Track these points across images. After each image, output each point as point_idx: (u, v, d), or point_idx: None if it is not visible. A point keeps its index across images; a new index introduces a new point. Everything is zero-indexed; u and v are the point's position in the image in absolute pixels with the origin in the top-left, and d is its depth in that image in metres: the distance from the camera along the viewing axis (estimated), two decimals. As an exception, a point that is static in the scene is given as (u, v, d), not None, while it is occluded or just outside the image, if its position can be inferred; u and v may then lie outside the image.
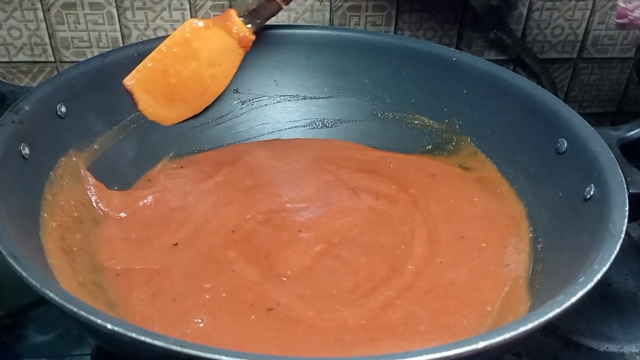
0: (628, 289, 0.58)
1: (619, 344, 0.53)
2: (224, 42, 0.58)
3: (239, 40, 0.58)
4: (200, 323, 0.43)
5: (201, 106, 0.62)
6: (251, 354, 0.32)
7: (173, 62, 0.58)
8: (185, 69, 0.58)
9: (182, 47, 0.57)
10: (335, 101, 0.67)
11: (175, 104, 0.60)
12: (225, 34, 0.58)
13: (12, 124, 0.46)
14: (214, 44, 0.58)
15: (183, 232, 0.52)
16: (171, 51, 0.57)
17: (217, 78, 0.60)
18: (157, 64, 0.57)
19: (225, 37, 0.58)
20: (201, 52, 0.58)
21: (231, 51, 0.59)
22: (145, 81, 0.57)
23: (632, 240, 0.63)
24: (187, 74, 0.58)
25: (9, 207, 0.41)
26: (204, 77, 0.59)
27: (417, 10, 0.74)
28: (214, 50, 0.58)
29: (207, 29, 0.57)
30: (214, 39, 0.58)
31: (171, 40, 0.57)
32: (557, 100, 0.55)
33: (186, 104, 0.60)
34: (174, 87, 0.58)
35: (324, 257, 0.51)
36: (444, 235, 0.54)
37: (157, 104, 0.59)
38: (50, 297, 0.34)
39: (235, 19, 0.57)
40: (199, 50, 0.58)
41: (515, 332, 0.33)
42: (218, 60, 0.59)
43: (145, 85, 0.57)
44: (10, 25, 0.70)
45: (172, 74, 0.58)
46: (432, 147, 0.64)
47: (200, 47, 0.58)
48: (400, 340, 0.43)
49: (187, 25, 0.58)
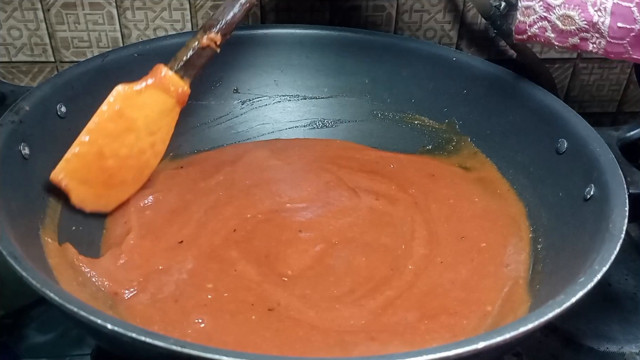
0: (628, 289, 0.58)
1: (619, 344, 0.53)
2: (161, 103, 0.51)
3: (176, 98, 0.52)
4: (202, 323, 0.43)
5: (142, 182, 0.54)
6: (251, 354, 0.32)
7: (108, 141, 0.50)
8: (123, 146, 0.50)
9: (116, 121, 0.50)
10: (336, 101, 0.67)
11: (115, 188, 0.52)
12: (161, 94, 0.51)
13: (12, 124, 0.46)
14: (150, 108, 0.51)
15: (184, 232, 0.52)
16: (104, 128, 0.49)
17: (156, 146, 0.53)
18: (89, 147, 0.49)
19: (162, 97, 0.51)
20: (138, 122, 0.51)
21: (169, 112, 0.52)
22: (78, 171, 0.48)
23: (632, 240, 0.63)
24: (125, 151, 0.51)
25: (9, 207, 0.41)
26: (144, 150, 0.52)
27: (417, 10, 0.74)
28: (151, 116, 0.51)
29: (140, 94, 0.50)
30: (150, 103, 0.51)
31: (102, 116, 0.49)
32: (557, 101, 0.55)
33: (127, 185, 0.53)
34: (113, 171, 0.50)
35: (324, 257, 0.51)
36: (444, 235, 0.54)
37: (94, 194, 0.50)
38: (50, 297, 0.34)
39: (168, 75, 0.51)
40: (135, 120, 0.51)
41: (516, 332, 0.33)
42: (156, 125, 0.52)
43: (78, 176, 0.48)
44: (10, 25, 0.70)
45: (109, 155, 0.50)
46: (432, 147, 0.64)
47: (136, 116, 0.51)
48: (401, 340, 0.43)
49: (117, 94, 0.50)
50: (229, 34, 0.53)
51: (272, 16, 0.73)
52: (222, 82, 0.65)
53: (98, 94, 0.55)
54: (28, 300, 0.53)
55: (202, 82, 0.63)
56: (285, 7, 0.73)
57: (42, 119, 0.50)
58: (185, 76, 0.52)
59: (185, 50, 0.52)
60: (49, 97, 0.51)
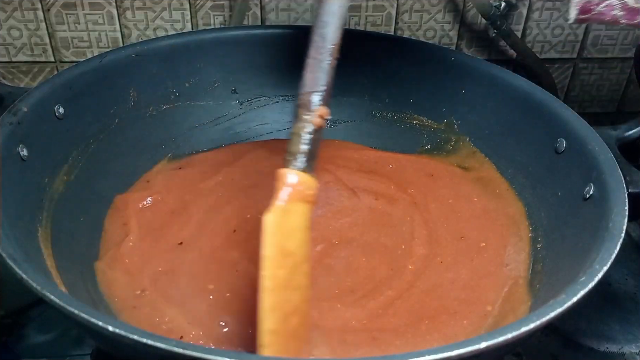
0: (628, 289, 0.58)
1: (619, 344, 0.53)
2: (305, 216, 0.41)
3: (313, 202, 0.41)
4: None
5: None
6: (252, 355, 0.32)
7: (286, 294, 0.39)
8: (296, 292, 0.39)
9: (282, 263, 0.39)
10: (334, 101, 0.66)
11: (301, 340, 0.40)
12: (304, 206, 0.41)
13: (10, 125, 0.46)
14: (300, 229, 0.41)
15: (184, 233, 0.52)
16: (279, 281, 0.39)
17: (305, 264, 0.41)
18: (278, 313, 0.38)
19: (304, 209, 0.41)
20: (298, 250, 0.40)
21: (307, 219, 0.41)
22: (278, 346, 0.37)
23: (632, 240, 0.63)
24: (297, 297, 0.39)
25: (8, 209, 0.41)
26: (306, 273, 0.41)
27: (417, 10, 0.74)
28: (304, 236, 0.41)
29: (288, 214, 0.40)
30: (299, 221, 0.41)
31: (270, 268, 0.39)
32: (556, 100, 0.55)
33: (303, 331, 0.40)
34: (299, 325, 0.39)
35: (325, 257, 0.51)
36: (443, 235, 0.54)
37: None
38: (50, 299, 0.33)
39: (300, 178, 0.41)
40: (294, 249, 0.40)
41: (517, 332, 0.33)
42: (307, 245, 0.41)
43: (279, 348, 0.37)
44: (10, 25, 0.70)
45: (292, 311, 0.39)
46: (431, 147, 0.64)
47: (294, 245, 0.40)
48: (402, 340, 0.43)
49: (269, 228, 0.40)
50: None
51: (272, 16, 0.73)
52: (220, 82, 0.65)
53: (96, 94, 0.56)
54: (28, 300, 0.53)
55: (200, 82, 0.63)
56: (286, 7, 0.73)
57: (41, 121, 0.50)
58: (311, 171, 0.42)
59: (300, 140, 0.42)
60: (47, 98, 0.51)
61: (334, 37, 0.44)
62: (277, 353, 0.36)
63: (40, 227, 0.45)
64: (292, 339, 0.38)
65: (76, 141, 0.53)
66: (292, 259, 0.39)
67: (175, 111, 0.62)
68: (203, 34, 0.64)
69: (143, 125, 0.60)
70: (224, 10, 0.73)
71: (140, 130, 0.60)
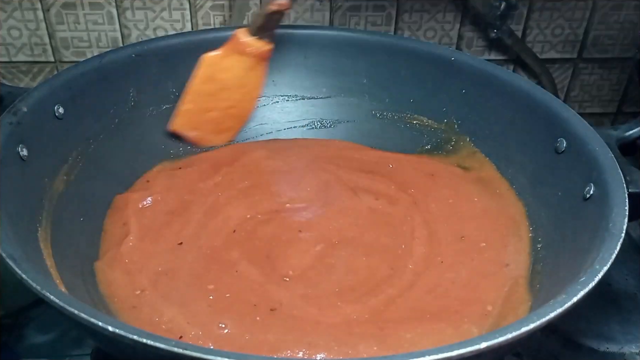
0: (628, 289, 0.58)
1: (619, 344, 0.53)
2: (244, 63, 0.59)
3: (257, 56, 0.59)
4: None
5: (245, 121, 0.64)
6: (252, 355, 0.32)
7: (207, 98, 0.60)
8: (221, 100, 0.61)
9: (209, 83, 0.59)
10: (334, 101, 0.67)
11: (223, 132, 0.63)
12: (242, 57, 0.59)
13: (10, 125, 0.46)
14: (236, 69, 0.59)
15: (184, 234, 0.52)
16: (201, 90, 0.59)
17: (250, 93, 0.62)
18: (192, 105, 0.60)
19: (243, 59, 0.59)
20: (228, 81, 0.60)
21: (253, 67, 0.60)
22: (189, 123, 0.61)
23: (632, 240, 0.63)
24: (224, 104, 0.61)
25: (8, 209, 0.41)
26: (240, 99, 0.62)
27: (417, 10, 0.74)
28: (238, 74, 0.60)
29: (224, 59, 0.59)
30: (234, 65, 0.59)
31: (196, 81, 0.59)
32: (556, 100, 0.55)
33: (233, 129, 0.64)
34: (219, 120, 0.62)
35: (325, 256, 0.51)
36: (443, 235, 0.54)
37: (208, 136, 0.62)
38: (50, 299, 0.33)
39: (245, 39, 0.58)
40: (224, 80, 0.60)
41: (518, 332, 0.33)
42: (245, 79, 0.60)
43: (190, 126, 0.61)
44: (10, 25, 0.70)
45: (212, 108, 0.60)
46: (431, 147, 0.64)
47: (225, 77, 0.60)
48: (408, 331, 0.43)
49: (204, 62, 0.58)
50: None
51: (271, 16, 0.73)
52: (220, 82, 0.65)
53: (96, 94, 0.56)
54: (28, 301, 0.53)
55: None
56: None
57: (40, 121, 0.50)
58: (262, 37, 0.58)
59: (258, 17, 0.58)
60: (46, 98, 0.51)
61: None
62: (186, 128, 0.60)
63: (40, 227, 0.45)
64: (214, 130, 0.62)
65: (76, 141, 0.53)
66: (220, 84, 0.59)
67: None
68: (203, 34, 0.64)
69: (143, 125, 0.60)
70: (224, 10, 0.73)
71: (140, 130, 0.60)
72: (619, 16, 0.78)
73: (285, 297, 0.46)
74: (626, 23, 0.79)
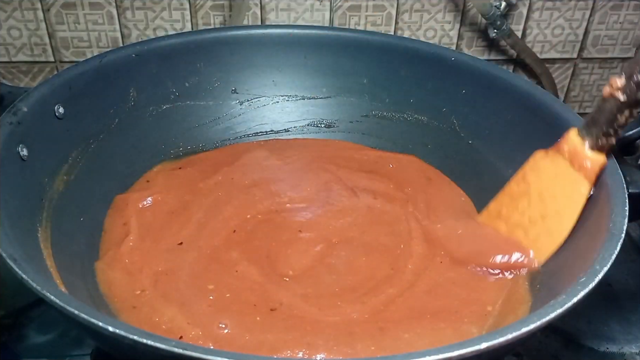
0: (628, 289, 0.58)
1: (619, 344, 0.53)
2: (560, 169, 0.45)
3: (585, 175, 0.44)
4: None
5: (555, 243, 0.46)
6: (252, 355, 0.32)
7: (507, 201, 0.49)
8: (516, 211, 0.48)
9: (519, 183, 0.48)
10: (334, 101, 0.67)
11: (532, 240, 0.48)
12: (564, 161, 0.44)
13: (10, 125, 0.46)
14: (547, 172, 0.46)
15: (184, 234, 0.52)
16: (510, 189, 0.49)
17: (547, 220, 0.46)
18: (495, 205, 0.50)
19: (564, 164, 0.44)
20: (532, 185, 0.47)
21: (570, 183, 0.44)
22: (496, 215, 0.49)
23: (632, 240, 0.63)
24: (516, 217, 0.48)
25: (8, 209, 0.41)
26: (534, 220, 0.46)
27: (417, 10, 0.74)
28: (547, 181, 0.46)
29: (545, 157, 0.46)
30: (549, 167, 0.46)
31: (515, 177, 0.48)
32: (556, 100, 0.55)
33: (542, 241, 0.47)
34: (524, 225, 0.48)
35: (325, 256, 0.51)
36: (443, 235, 0.53)
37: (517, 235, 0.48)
38: (50, 299, 0.33)
39: (582, 150, 0.43)
40: (531, 183, 0.47)
41: (518, 333, 0.33)
42: (549, 192, 0.46)
43: (496, 219, 0.49)
44: (10, 25, 0.70)
45: (505, 217, 0.48)
46: (431, 147, 0.64)
47: (532, 180, 0.47)
48: (408, 331, 0.43)
49: (531, 158, 0.47)
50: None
51: (272, 16, 0.73)
52: (220, 82, 0.65)
53: (96, 94, 0.55)
54: (28, 300, 0.53)
55: (200, 82, 0.63)
56: (286, 7, 0.73)
57: (40, 120, 0.50)
58: (590, 143, 0.43)
59: (610, 116, 0.42)
60: (47, 98, 0.51)
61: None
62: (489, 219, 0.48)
63: (40, 227, 0.45)
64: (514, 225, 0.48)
65: (76, 141, 0.53)
66: (525, 187, 0.46)
67: (175, 111, 0.62)
68: (203, 34, 0.64)
69: (143, 125, 0.60)
70: (224, 10, 0.73)
71: (140, 130, 0.60)
72: (619, 16, 0.78)
73: (286, 297, 0.46)
74: (626, 23, 0.79)
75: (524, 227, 0.46)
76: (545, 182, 0.45)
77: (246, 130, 0.66)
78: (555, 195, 0.45)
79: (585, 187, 0.44)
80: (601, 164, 0.43)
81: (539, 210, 0.46)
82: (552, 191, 0.45)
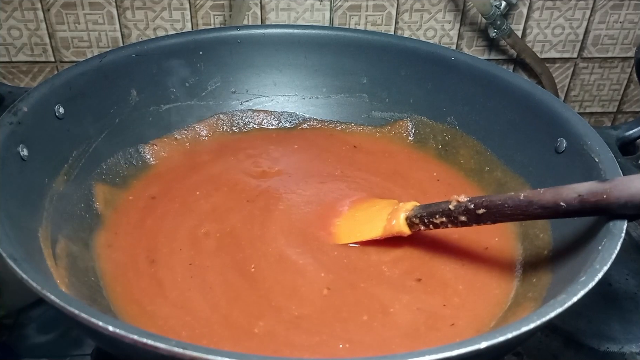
0: (628, 288, 0.58)
1: (619, 344, 0.53)
2: (380, 216, 0.52)
3: (385, 232, 0.51)
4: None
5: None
6: (252, 355, 0.32)
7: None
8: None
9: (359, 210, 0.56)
10: (334, 101, 0.67)
11: None
12: (383, 218, 0.51)
13: (10, 125, 0.46)
14: (373, 211, 0.54)
15: (185, 233, 0.52)
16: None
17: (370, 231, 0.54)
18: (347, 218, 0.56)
19: (383, 217, 0.52)
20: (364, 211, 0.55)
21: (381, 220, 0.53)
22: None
23: (632, 240, 0.63)
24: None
25: (8, 209, 0.41)
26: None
27: (417, 10, 0.74)
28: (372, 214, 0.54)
29: (372, 207, 0.55)
30: (374, 210, 0.54)
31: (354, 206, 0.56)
32: (556, 100, 0.55)
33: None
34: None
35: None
36: (444, 234, 0.53)
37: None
38: (51, 299, 0.33)
39: (399, 219, 0.49)
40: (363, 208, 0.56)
41: (518, 332, 0.33)
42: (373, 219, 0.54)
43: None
44: (10, 25, 0.70)
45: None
46: (431, 147, 0.64)
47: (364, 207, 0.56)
48: (404, 338, 0.43)
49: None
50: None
51: (272, 16, 0.73)
52: (220, 82, 0.65)
53: (96, 94, 0.55)
54: (28, 301, 0.53)
55: (200, 82, 0.63)
56: (286, 7, 0.73)
57: (41, 120, 0.50)
58: (414, 227, 0.49)
59: (434, 207, 0.47)
60: (47, 98, 0.51)
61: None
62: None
63: (40, 227, 0.45)
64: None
65: (76, 141, 0.53)
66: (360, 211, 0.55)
67: (175, 111, 0.62)
68: (203, 34, 0.64)
69: (143, 125, 0.60)
70: (224, 10, 0.73)
71: (140, 130, 0.60)
72: (619, 16, 0.78)
73: (286, 297, 0.46)
74: (626, 22, 0.79)
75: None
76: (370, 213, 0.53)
77: (246, 130, 0.66)
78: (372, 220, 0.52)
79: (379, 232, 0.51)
80: (402, 232, 0.50)
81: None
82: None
